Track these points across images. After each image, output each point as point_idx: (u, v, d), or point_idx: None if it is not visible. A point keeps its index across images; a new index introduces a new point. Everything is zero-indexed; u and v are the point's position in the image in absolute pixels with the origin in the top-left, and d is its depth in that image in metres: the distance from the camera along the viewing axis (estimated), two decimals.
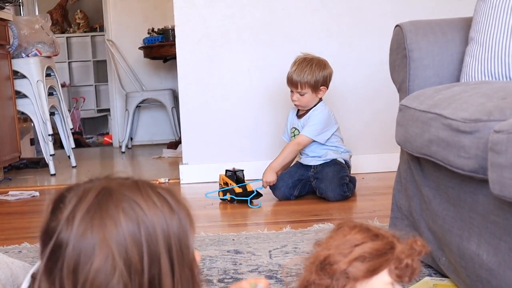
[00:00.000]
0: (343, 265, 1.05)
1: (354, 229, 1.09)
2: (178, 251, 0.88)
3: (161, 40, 5.80)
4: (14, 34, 4.40)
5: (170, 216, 0.88)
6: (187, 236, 0.90)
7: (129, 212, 0.85)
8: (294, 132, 3.30)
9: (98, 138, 7.41)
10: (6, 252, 2.25)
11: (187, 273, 0.90)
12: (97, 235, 0.83)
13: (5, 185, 4.13)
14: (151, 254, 0.84)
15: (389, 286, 1.08)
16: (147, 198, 0.87)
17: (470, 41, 1.93)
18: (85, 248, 0.82)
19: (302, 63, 3.16)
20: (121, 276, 0.82)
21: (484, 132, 1.33)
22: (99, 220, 0.83)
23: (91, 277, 0.82)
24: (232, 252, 2.18)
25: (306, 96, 3.16)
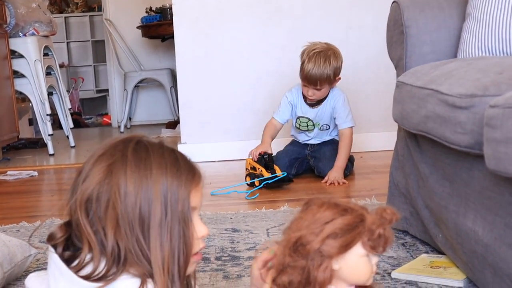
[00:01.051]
0: (316, 244, 1.04)
1: (323, 206, 1.08)
2: (173, 203, 1.04)
3: (159, 19, 5.77)
4: (11, 13, 4.37)
5: (173, 175, 1.05)
6: (184, 193, 1.05)
7: (144, 166, 1.05)
8: (307, 123, 3.19)
9: (97, 119, 7.40)
10: (4, 231, 2.26)
11: (178, 227, 1.05)
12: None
13: (3, 165, 4.13)
14: (146, 196, 1.03)
15: (364, 258, 1.08)
16: (161, 158, 1.07)
17: (467, 17, 1.91)
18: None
19: (319, 57, 2.99)
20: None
21: (480, 107, 1.33)
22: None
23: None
24: (230, 230, 2.18)
25: (322, 90, 3.07)
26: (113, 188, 1.03)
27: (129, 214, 1.03)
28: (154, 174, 1.05)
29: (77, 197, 1.05)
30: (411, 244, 1.91)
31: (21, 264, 1.73)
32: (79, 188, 1.06)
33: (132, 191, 1.03)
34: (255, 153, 3.05)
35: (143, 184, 1.04)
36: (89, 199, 1.05)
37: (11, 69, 4.38)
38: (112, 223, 1.02)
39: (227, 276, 1.73)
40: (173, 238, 1.05)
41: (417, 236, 1.94)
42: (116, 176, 1.04)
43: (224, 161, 3.76)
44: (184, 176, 1.07)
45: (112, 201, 1.03)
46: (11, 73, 4.37)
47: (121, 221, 1.02)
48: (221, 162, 3.75)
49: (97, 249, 1.03)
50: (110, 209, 1.03)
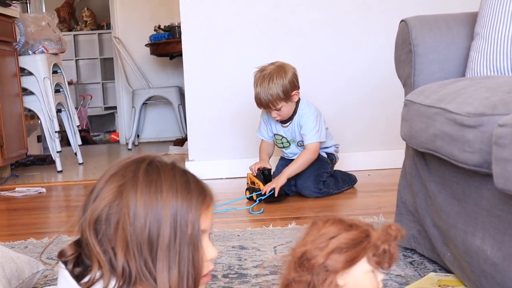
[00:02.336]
0: (321, 258, 1.05)
1: (328, 222, 1.09)
2: (182, 226, 1.06)
3: (167, 37, 5.79)
4: (21, 31, 4.41)
5: (183, 198, 1.07)
6: (194, 216, 1.07)
7: (154, 187, 1.06)
8: (281, 140, 3.21)
9: (105, 136, 7.42)
10: (12, 247, 2.26)
11: (187, 250, 1.06)
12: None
13: (12, 181, 4.15)
14: (156, 218, 1.04)
15: (370, 274, 1.08)
16: (172, 181, 1.08)
17: (475, 36, 1.92)
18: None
19: (263, 81, 3.00)
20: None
21: (489, 126, 1.33)
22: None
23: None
24: (237, 248, 2.18)
25: (283, 109, 3.04)
26: (123, 209, 1.04)
27: (138, 236, 1.04)
28: (164, 196, 1.05)
29: (87, 217, 1.07)
30: (419, 263, 1.91)
31: (29, 281, 1.73)
32: (89, 207, 1.07)
33: (141, 212, 1.04)
34: (254, 168, 3.10)
35: (153, 206, 1.05)
36: (99, 219, 1.06)
37: (20, 87, 4.40)
38: (121, 244, 1.03)
39: None
40: (182, 261, 1.05)
41: (425, 255, 1.93)
42: (127, 198, 1.05)
43: (231, 178, 3.76)
44: (194, 199, 1.08)
45: (121, 222, 1.04)
46: (20, 91, 4.40)
47: (130, 242, 1.03)
48: (228, 179, 3.76)
49: (107, 268, 1.04)
50: (120, 230, 1.04)
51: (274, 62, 3.09)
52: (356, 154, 3.69)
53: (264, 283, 1.78)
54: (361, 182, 3.33)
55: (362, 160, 3.67)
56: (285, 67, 3.04)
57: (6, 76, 4.12)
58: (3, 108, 4.00)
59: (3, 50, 4.13)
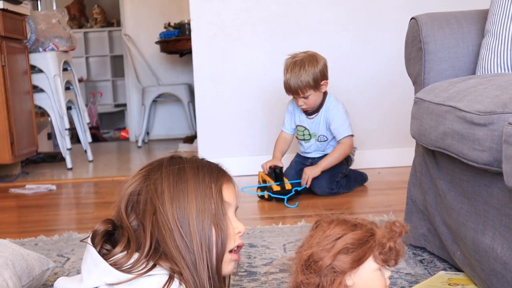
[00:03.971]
0: (328, 260, 1.05)
1: (332, 223, 1.10)
2: (206, 197, 1.13)
3: (177, 35, 5.80)
4: (32, 28, 4.42)
5: (204, 173, 1.15)
6: (216, 187, 1.15)
7: (177, 168, 1.15)
8: (303, 132, 3.22)
9: (115, 133, 7.44)
10: (22, 244, 2.27)
11: (213, 219, 1.12)
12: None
13: (22, 178, 4.16)
14: (181, 192, 1.12)
15: (377, 272, 1.08)
16: (194, 162, 1.18)
17: (486, 34, 1.91)
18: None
19: (294, 67, 3.03)
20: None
21: (499, 124, 1.32)
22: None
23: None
24: (247, 246, 2.18)
25: (310, 97, 3.07)
26: (150, 186, 1.12)
27: (166, 210, 1.10)
28: (187, 172, 1.14)
29: (120, 196, 1.15)
30: (428, 261, 1.90)
31: (39, 278, 1.74)
32: (122, 190, 1.16)
33: (167, 188, 1.12)
34: (266, 166, 3.11)
35: (177, 181, 1.13)
36: (130, 197, 1.14)
37: (31, 84, 4.42)
38: (150, 218, 1.10)
39: None
40: (208, 233, 1.12)
41: (435, 253, 1.93)
42: (153, 177, 1.14)
43: (242, 176, 3.76)
44: (215, 173, 1.16)
45: (150, 197, 1.12)
46: (31, 88, 4.41)
47: (159, 216, 1.10)
48: (239, 177, 3.73)
49: (135, 243, 1.10)
50: (149, 205, 1.11)
51: (306, 51, 3.12)
52: (367, 152, 3.68)
53: (273, 281, 1.78)
54: (371, 180, 3.33)
55: (372, 158, 3.66)
56: (316, 56, 3.07)
57: (16, 73, 4.14)
58: (13, 105, 4.01)
59: (14, 48, 4.14)
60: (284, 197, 2.93)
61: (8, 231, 2.66)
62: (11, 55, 4.06)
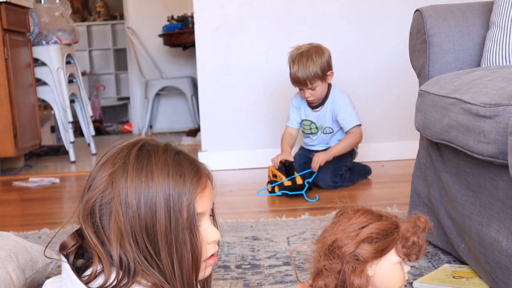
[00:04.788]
0: (352, 247, 1.06)
1: (358, 212, 1.11)
2: (177, 211, 1.02)
3: (180, 28, 5.79)
4: (35, 21, 4.42)
5: (176, 182, 1.03)
6: (188, 200, 1.03)
7: (145, 173, 1.03)
8: (310, 126, 3.21)
9: (118, 126, 7.43)
10: (26, 237, 2.27)
11: (183, 235, 1.03)
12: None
13: (26, 172, 4.17)
14: (148, 205, 1.01)
15: (398, 266, 1.09)
16: (164, 165, 1.05)
17: (491, 25, 1.90)
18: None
19: (300, 58, 3.02)
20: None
21: (504, 117, 1.32)
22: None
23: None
24: (250, 239, 2.18)
25: (318, 89, 3.07)
26: (115, 198, 1.02)
27: (132, 225, 1.01)
28: (155, 182, 1.03)
29: (81, 208, 1.05)
30: (433, 254, 1.90)
31: (42, 271, 1.74)
32: (84, 198, 1.05)
33: (133, 201, 1.01)
34: (276, 161, 3.08)
35: (144, 193, 1.02)
36: (93, 210, 1.03)
37: (34, 77, 4.42)
38: (116, 234, 1.01)
39: (247, 284, 1.72)
40: (178, 246, 1.03)
41: (439, 246, 1.92)
42: (117, 186, 1.02)
43: (244, 169, 3.76)
44: (188, 182, 1.05)
45: (114, 212, 1.01)
46: (34, 81, 4.41)
47: (125, 232, 1.01)
48: (241, 170, 3.75)
49: (106, 260, 1.02)
50: (113, 221, 1.01)
51: (310, 43, 3.11)
52: (370, 145, 3.67)
53: (277, 274, 1.78)
54: (375, 173, 3.32)
55: (376, 151, 3.66)
56: (321, 47, 3.08)
57: (19, 66, 4.14)
58: (16, 98, 4.01)
59: (17, 41, 4.14)
60: (296, 192, 2.89)
61: (11, 224, 2.67)
62: (14, 48, 4.06)
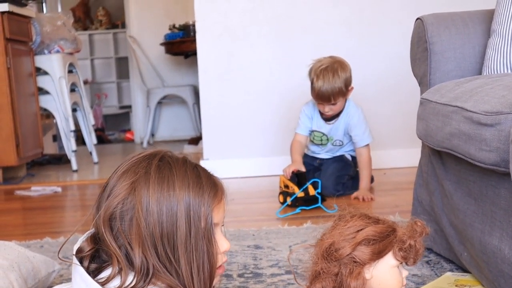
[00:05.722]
0: (349, 249, 1.07)
1: (355, 216, 1.12)
2: (196, 221, 1.06)
3: (182, 36, 5.80)
4: (37, 31, 4.43)
5: (196, 193, 1.08)
6: (207, 210, 1.08)
7: (167, 184, 1.07)
8: (321, 138, 3.18)
9: (120, 135, 7.44)
10: (28, 246, 2.27)
11: (202, 243, 1.07)
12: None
13: (28, 180, 4.17)
14: (169, 214, 1.05)
15: (395, 269, 1.10)
16: (184, 176, 1.09)
17: (492, 34, 1.90)
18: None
19: (326, 73, 2.95)
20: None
21: (506, 125, 1.32)
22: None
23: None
24: (252, 247, 2.18)
25: (338, 103, 3.03)
26: (136, 206, 1.05)
27: (152, 232, 1.05)
28: (177, 192, 1.07)
29: (101, 214, 1.07)
30: (435, 262, 1.89)
31: (45, 280, 1.74)
32: (103, 205, 1.08)
33: (155, 209, 1.05)
34: (288, 171, 3.00)
35: (166, 202, 1.06)
36: (113, 216, 1.07)
37: (36, 86, 4.43)
38: (137, 239, 1.05)
39: None
40: (198, 254, 1.07)
41: (441, 254, 1.92)
42: (139, 194, 1.06)
43: (246, 178, 3.76)
44: (206, 194, 1.09)
45: (135, 218, 1.05)
46: (36, 90, 4.42)
47: (145, 238, 1.04)
48: (243, 178, 3.75)
49: (125, 264, 1.05)
50: (135, 226, 1.05)
51: (331, 56, 3.07)
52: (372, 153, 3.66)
53: (279, 283, 1.78)
54: (377, 180, 3.32)
55: (378, 158, 3.65)
56: (344, 62, 3.04)
57: (22, 75, 4.15)
58: (19, 107, 4.02)
59: (19, 50, 4.15)
60: (313, 206, 2.82)
61: (13, 233, 2.66)
62: (17, 57, 4.07)
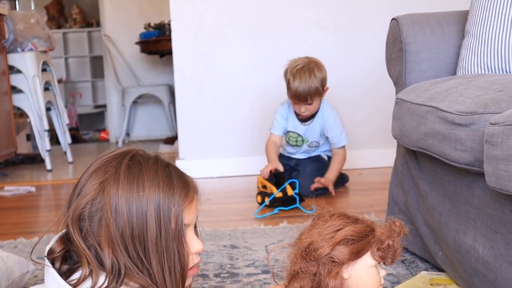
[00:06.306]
0: (327, 249, 1.08)
1: (333, 216, 1.13)
2: (166, 221, 1.05)
3: (157, 35, 5.77)
4: (10, 28, 4.38)
5: (166, 193, 1.06)
6: (177, 211, 1.07)
7: (136, 183, 1.06)
8: (297, 139, 3.19)
9: (95, 134, 7.39)
10: (1, 247, 2.25)
11: (172, 244, 1.06)
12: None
13: (1, 180, 4.12)
14: (139, 214, 1.04)
15: (373, 269, 1.11)
16: (154, 176, 1.07)
17: (466, 34, 1.92)
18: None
19: (302, 73, 2.96)
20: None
21: (480, 125, 1.33)
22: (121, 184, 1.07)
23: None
24: (229, 247, 2.17)
25: (314, 103, 3.04)
26: (105, 206, 1.04)
27: (122, 232, 1.04)
28: (146, 192, 1.06)
29: (70, 214, 1.06)
30: (410, 261, 1.91)
31: (18, 281, 1.72)
32: (73, 204, 1.07)
33: (124, 209, 1.04)
34: (266, 171, 3.00)
35: (135, 202, 1.05)
36: (82, 216, 1.06)
37: (9, 85, 4.38)
38: (106, 240, 1.04)
39: None
40: (168, 255, 1.06)
41: (416, 253, 1.93)
42: (108, 194, 1.05)
43: (222, 177, 3.76)
44: (177, 194, 1.08)
45: (105, 219, 1.04)
46: (9, 89, 4.37)
47: (115, 238, 1.03)
48: (219, 178, 3.75)
49: (94, 264, 1.04)
50: (104, 227, 1.04)
51: (306, 56, 3.09)
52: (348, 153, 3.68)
53: (255, 282, 1.78)
54: (353, 180, 3.34)
55: (354, 158, 3.66)
56: (319, 62, 3.05)
57: None
58: None
59: None
60: (292, 206, 2.79)
61: None
62: None
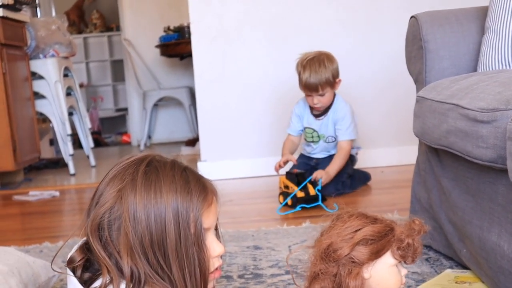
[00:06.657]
0: (347, 249, 1.07)
1: (352, 216, 1.12)
2: (185, 227, 1.05)
3: (177, 38, 5.80)
4: (32, 35, 4.43)
5: (184, 198, 1.06)
6: (195, 215, 1.06)
7: (153, 189, 1.05)
8: (312, 134, 3.20)
9: (117, 137, 7.44)
10: (27, 251, 2.27)
11: (192, 249, 1.06)
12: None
13: (25, 185, 4.16)
14: (157, 221, 1.04)
15: (394, 268, 1.10)
16: (172, 181, 1.07)
17: (486, 30, 1.91)
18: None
19: (312, 63, 3.00)
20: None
21: (502, 121, 1.32)
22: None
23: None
24: (252, 248, 2.18)
25: (326, 95, 3.05)
26: (124, 214, 1.04)
27: (142, 240, 1.03)
28: (164, 198, 1.05)
29: (89, 224, 1.07)
30: (435, 259, 1.90)
31: (45, 285, 1.74)
32: (91, 214, 1.08)
33: (143, 217, 1.04)
34: (278, 163, 3.08)
35: (153, 209, 1.04)
36: (101, 225, 1.06)
37: (32, 91, 4.42)
38: (126, 248, 1.03)
39: None
40: (189, 261, 1.06)
41: (440, 251, 1.93)
42: (126, 202, 1.05)
43: (244, 178, 3.76)
44: (195, 199, 1.08)
45: (123, 227, 1.04)
46: (32, 94, 4.42)
47: (134, 246, 1.03)
48: (241, 179, 3.75)
49: (115, 273, 1.04)
50: (123, 236, 1.04)
51: (317, 50, 3.10)
52: (369, 151, 3.68)
53: (279, 283, 1.78)
54: (375, 179, 3.33)
55: (375, 157, 3.66)
56: (330, 54, 3.08)
57: (17, 80, 4.14)
58: (15, 112, 4.02)
59: (14, 55, 4.14)
60: (314, 204, 2.80)
61: (12, 238, 2.66)
62: (12, 62, 4.06)
